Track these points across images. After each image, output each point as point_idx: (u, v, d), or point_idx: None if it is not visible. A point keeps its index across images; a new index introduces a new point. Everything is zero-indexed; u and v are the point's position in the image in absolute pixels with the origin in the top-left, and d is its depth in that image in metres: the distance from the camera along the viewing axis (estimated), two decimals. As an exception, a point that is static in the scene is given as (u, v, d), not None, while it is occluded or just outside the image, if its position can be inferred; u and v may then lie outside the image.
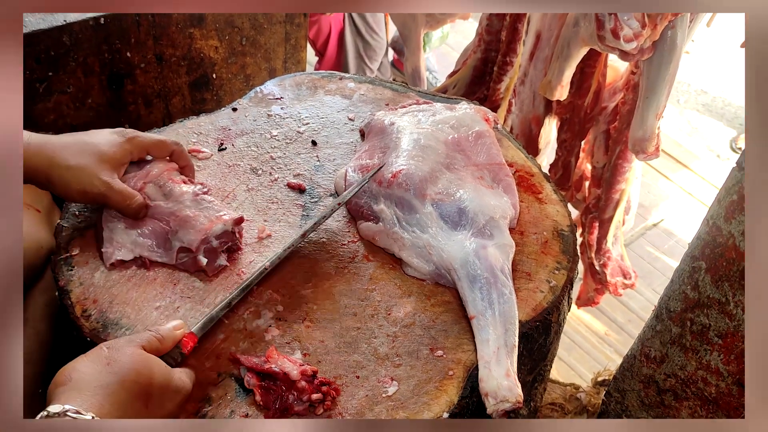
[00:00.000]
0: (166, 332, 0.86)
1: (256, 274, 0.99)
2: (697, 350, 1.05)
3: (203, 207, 1.05)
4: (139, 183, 1.06)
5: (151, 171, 1.08)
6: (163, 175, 1.08)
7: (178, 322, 0.89)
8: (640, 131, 1.53)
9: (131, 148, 1.05)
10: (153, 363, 0.80)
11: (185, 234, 1.02)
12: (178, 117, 1.64)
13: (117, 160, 1.03)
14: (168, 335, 0.86)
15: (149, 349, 0.82)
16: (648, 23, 1.34)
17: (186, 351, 0.88)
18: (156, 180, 1.07)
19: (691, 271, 1.03)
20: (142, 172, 1.07)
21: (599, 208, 1.91)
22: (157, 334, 0.84)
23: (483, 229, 1.05)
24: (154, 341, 0.83)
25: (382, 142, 1.20)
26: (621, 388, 1.25)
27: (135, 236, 1.04)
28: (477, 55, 1.96)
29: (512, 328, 0.96)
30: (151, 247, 1.04)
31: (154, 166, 1.09)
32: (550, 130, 1.95)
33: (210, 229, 1.02)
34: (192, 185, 1.09)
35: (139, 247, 1.03)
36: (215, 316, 0.93)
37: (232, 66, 1.74)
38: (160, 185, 1.07)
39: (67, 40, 1.41)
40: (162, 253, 1.04)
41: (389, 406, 0.90)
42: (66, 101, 1.49)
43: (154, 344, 0.83)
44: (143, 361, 0.78)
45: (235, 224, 1.04)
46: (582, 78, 1.77)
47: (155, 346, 0.83)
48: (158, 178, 1.07)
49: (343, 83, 1.44)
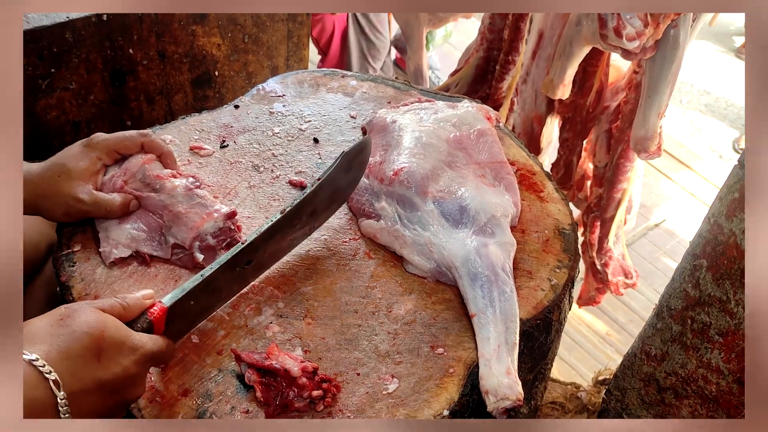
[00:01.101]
0: (132, 300, 0.84)
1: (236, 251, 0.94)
2: (697, 348, 1.05)
3: (195, 202, 1.05)
4: (118, 182, 1.07)
5: (129, 167, 1.08)
6: (144, 168, 1.08)
7: (148, 291, 0.88)
8: (642, 130, 1.53)
9: (98, 154, 1.07)
10: (107, 319, 0.78)
11: (178, 231, 1.02)
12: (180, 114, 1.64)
13: (87, 172, 1.05)
14: (134, 303, 0.84)
15: (111, 312, 0.80)
16: (651, 22, 1.34)
17: (153, 318, 0.84)
18: (141, 177, 1.07)
19: (692, 269, 1.03)
20: (120, 170, 1.08)
21: (601, 208, 1.90)
22: (122, 301, 0.83)
23: (484, 227, 1.05)
24: (118, 307, 0.82)
25: (384, 139, 1.20)
26: (621, 386, 1.25)
27: (129, 230, 1.04)
28: (479, 53, 1.96)
29: (513, 326, 0.96)
30: (146, 240, 1.04)
31: (131, 160, 1.09)
32: (552, 129, 1.95)
33: (201, 226, 1.02)
34: (183, 178, 1.08)
35: (135, 241, 1.04)
36: (186, 288, 0.88)
37: (235, 63, 1.74)
38: (146, 183, 1.07)
39: (70, 36, 1.42)
40: (157, 246, 1.04)
41: (390, 403, 0.90)
42: (69, 98, 1.49)
43: (117, 309, 0.82)
44: (96, 317, 0.77)
45: (227, 219, 1.04)
46: (584, 77, 1.77)
47: (118, 311, 0.82)
48: (141, 173, 1.07)
49: (345, 81, 1.44)
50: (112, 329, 0.77)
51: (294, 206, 0.99)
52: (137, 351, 0.79)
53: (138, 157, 1.09)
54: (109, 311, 0.80)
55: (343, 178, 1.08)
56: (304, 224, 1.04)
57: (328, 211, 1.10)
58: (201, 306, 0.92)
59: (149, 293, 0.87)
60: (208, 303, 0.94)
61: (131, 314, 0.84)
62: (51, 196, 1.02)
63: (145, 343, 0.81)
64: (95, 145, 1.07)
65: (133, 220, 1.05)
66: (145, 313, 0.85)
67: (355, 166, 1.10)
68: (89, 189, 1.05)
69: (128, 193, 1.06)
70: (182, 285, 0.89)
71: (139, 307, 0.85)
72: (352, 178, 1.12)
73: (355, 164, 1.10)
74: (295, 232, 1.03)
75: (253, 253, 0.96)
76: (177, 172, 1.10)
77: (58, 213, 1.04)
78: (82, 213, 1.04)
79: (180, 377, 0.90)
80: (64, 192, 1.02)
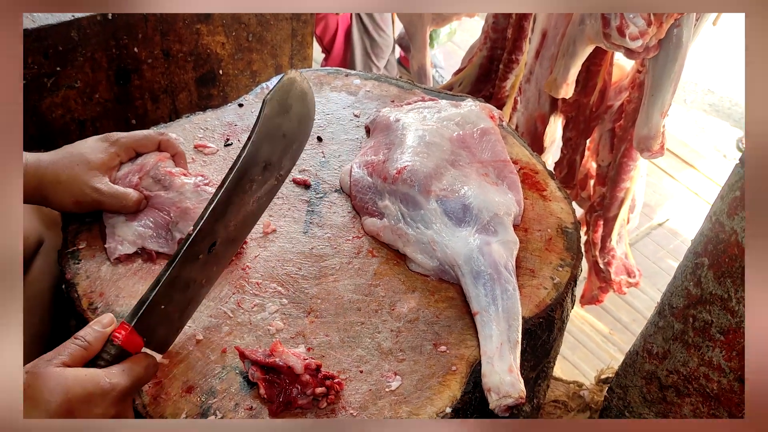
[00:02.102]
0: (91, 336, 0.80)
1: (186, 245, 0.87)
2: (699, 346, 1.06)
3: (203, 198, 1.06)
4: (134, 179, 1.07)
5: (144, 164, 1.09)
6: (157, 166, 1.09)
7: (107, 317, 0.83)
8: (645, 129, 1.53)
9: (117, 150, 1.07)
10: (67, 380, 0.74)
11: (185, 226, 1.03)
12: (184, 112, 1.65)
13: (105, 166, 1.05)
14: (94, 338, 0.80)
15: (73, 361, 0.77)
16: (654, 21, 1.34)
17: (120, 343, 0.80)
18: (154, 174, 1.08)
19: (694, 268, 1.03)
20: (136, 167, 1.09)
21: (604, 207, 1.91)
22: (82, 342, 0.79)
23: (487, 226, 1.06)
24: (78, 351, 0.78)
25: (387, 138, 1.21)
26: (623, 384, 1.26)
27: (136, 227, 1.05)
28: (483, 52, 1.96)
29: (515, 324, 0.96)
30: (152, 237, 1.05)
31: (147, 158, 1.10)
32: (556, 128, 1.95)
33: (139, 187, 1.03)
34: (192, 177, 1.09)
35: (141, 238, 1.04)
36: (145, 299, 0.84)
37: (239, 62, 1.75)
38: (158, 179, 1.08)
39: (75, 35, 1.42)
40: (163, 242, 1.05)
41: (392, 400, 0.90)
42: (74, 96, 1.50)
43: (79, 354, 0.78)
44: (56, 382, 0.73)
45: None
46: (588, 76, 1.77)
47: (80, 355, 0.78)
48: (154, 170, 1.08)
49: (348, 80, 1.44)
50: (76, 388, 0.74)
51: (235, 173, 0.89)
52: (109, 395, 0.76)
53: (152, 155, 1.10)
54: (71, 362, 0.77)
55: (283, 121, 0.96)
56: (263, 181, 0.95)
57: (285, 159, 0.98)
58: (177, 305, 0.88)
59: (108, 320, 0.83)
60: (184, 298, 0.89)
61: (95, 349, 0.80)
62: (64, 182, 1.01)
63: (117, 382, 0.77)
64: (114, 142, 1.07)
65: (141, 218, 1.06)
66: (110, 339, 0.81)
67: (296, 105, 0.97)
68: (106, 181, 1.05)
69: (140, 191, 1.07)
70: (141, 296, 0.84)
71: (100, 339, 0.81)
72: (299, 118, 0.99)
73: (294, 103, 0.97)
74: (256, 192, 0.95)
75: (212, 236, 0.89)
76: (187, 172, 1.11)
77: (68, 201, 1.03)
78: (95, 204, 1.03)
79: (184, 374, 0.91)
80: (80, 180, 1.02)
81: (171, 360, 0.91)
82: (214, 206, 0.88)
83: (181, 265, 0.86)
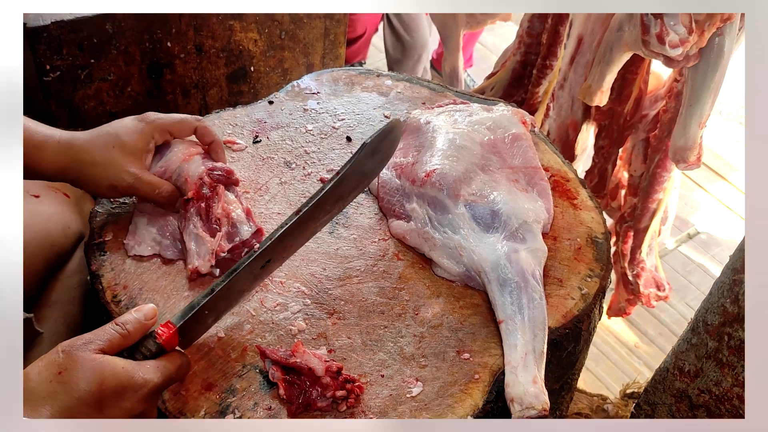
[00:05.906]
0: (132, 324, 0.80)
1: (248, 262, 0.89)
2: (733, 366, 1.02)
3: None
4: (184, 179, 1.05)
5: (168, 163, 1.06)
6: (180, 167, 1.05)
7: (149, 309, 0.82)
8: (682, 140, 1.50)
9: (152, 131, 1.04)
10: (105, 367, 0.74)
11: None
12: (214, 108, 1.65)
13: (141, 149, 1.03)
14: (135, 328, 0.80)
15: (111, 348, 0.77)
16: (695, 29, 1.31)
17: (162, 341, 0.81)
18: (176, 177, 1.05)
19: (732, 284, 1.00)
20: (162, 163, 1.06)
21: (635, 217, 1.87)
22: (122, 330, 0.78)
23: (516, 233, 1.04)
24: (117, 338, 0.78)
25: (417, 140, 1.19)
26: (651, 401, 1.22)
27: (154, 233, 1.04)
28: (516, 57, 1.93)
29: (541, 334, 0.94)
30: (167, 246, 1.04)
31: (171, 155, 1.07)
32: (588, 136, 1.92)
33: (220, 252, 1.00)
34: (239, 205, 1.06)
35: (158, 245, 1.04)
36: (196, 305, 0.85)
37: (270, 59, 1.75)
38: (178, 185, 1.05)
39: (110, 28, 1.43)
40: (178, 253, 1.04)
41: (413, 406, 0.89)
42: (106, 89, 1.51)
43: (117, 341, 0.78)
44: (93, 368, 0.73)
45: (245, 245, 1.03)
46: (623, 84, 1.73)
47: (118, 342, 0.78)
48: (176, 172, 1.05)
49: (380, 80, 1.43)
50: (110, 379, 0.74)
51: (314, 203, 0.93)
52: (140, 390, 0.76)
53: (178, 152, 1.08)
54: (108, 348, 0.77)
55: (369, 162, 1.01)
56: (331, 211, 1.00)
57: (353, 193, 1.04)
58: (216, 313, 0.90)
59: (151, 311, 0.82)
60: (224, 307, 0.91)
61: (133, 339, 0.80)
62: (101, 164, 0.99)
63: (150, 378, 0.77)
64: (150, 122, 1.04)
65: (161, 225, 1.05)
66: (153, 334, 0.81)
67: (384, 148, 1.03)
68: (142, 166, 1.03)
69: None
70: (192, 301, 0.85)
71: (140, 330, 0.81)
72: (381, 158, 1.05)
73: (384, 146, 1.03)
74: (322, 220, 0.99)
75: (271, 254, 0.92)
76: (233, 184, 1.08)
77: (103, 184, 1.00)
78: (130, 189, 1.01)
79: (205, 371, 0.90)
80: (116, 163, 1.00)
81: (192, 357, 0.91)
82: (285, 230, 0.91)
83: (237, 277, 0.88)
